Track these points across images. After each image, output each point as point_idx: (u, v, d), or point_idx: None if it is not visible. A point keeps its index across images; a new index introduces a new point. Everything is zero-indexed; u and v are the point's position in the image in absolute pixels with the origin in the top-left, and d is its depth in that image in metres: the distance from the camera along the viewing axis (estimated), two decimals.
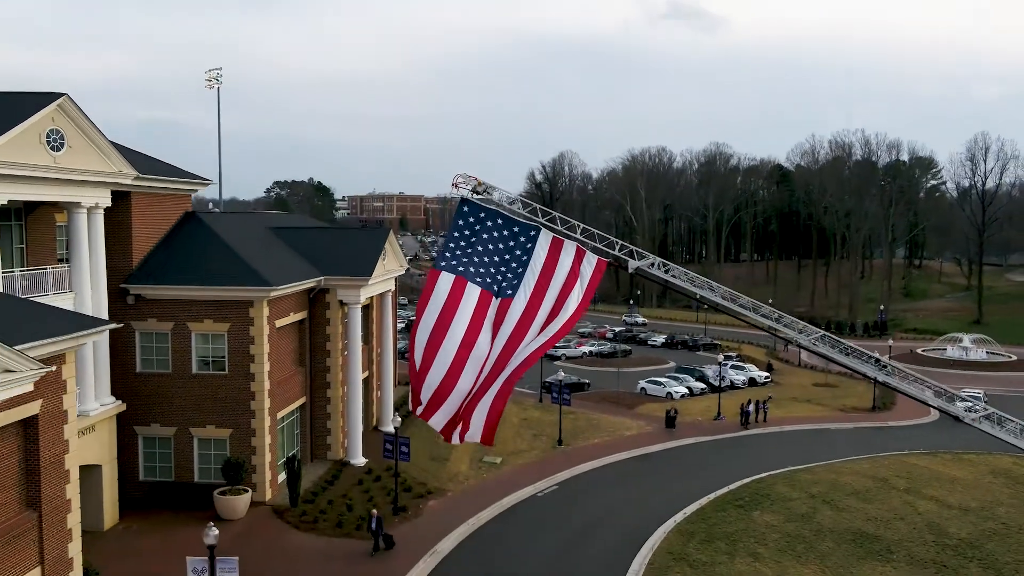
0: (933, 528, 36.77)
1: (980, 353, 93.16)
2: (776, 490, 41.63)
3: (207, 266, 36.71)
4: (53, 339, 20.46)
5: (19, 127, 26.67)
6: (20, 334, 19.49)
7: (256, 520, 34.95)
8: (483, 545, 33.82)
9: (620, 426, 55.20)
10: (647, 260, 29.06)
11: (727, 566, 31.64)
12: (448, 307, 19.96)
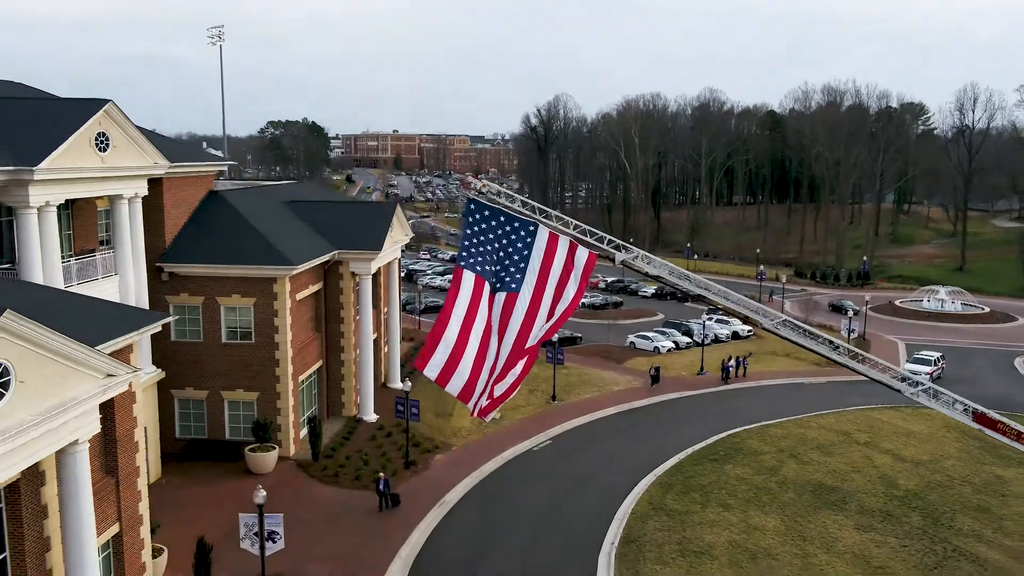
0: (885, 480, 41.35)
1: (955, 305, 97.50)
2: (748, 444, 46.16)
3: (233, 245, 40.25)
4: (127, 336, 24.19)
5: (73, 136, 29.87)
6: (101, 334, 23.17)
7: (283, 474, 39.26)
8: (486, 496, 38.26)
9: (609, 381, 59.57)
10: (631, 254, 32.87)
11: (699, 515, 36.17)
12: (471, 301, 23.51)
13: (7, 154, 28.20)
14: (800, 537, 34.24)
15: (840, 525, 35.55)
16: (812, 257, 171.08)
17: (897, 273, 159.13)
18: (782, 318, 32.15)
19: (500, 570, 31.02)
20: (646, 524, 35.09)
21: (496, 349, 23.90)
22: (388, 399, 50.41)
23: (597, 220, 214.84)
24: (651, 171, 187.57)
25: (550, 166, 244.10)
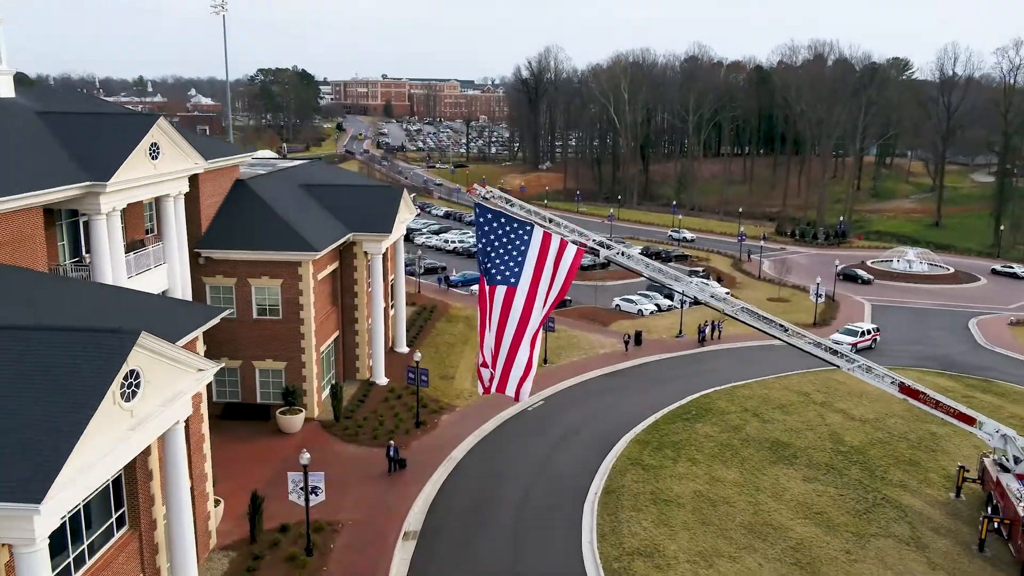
0: (834, 437, 47.49)
1: (922, 266, 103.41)
2: (717, 404, 52.20)
3: (261, 232, 45.27)
4: (196, 331, 29.46)
5: (134, 151, 34.65)
6: (177, 331, 28.41)
7: (309, 433, 45.00)
8: (487, 452, 44.16)
9: (596, 344, 65.34)
10: (614, 250, 38.38)
11: (670, 469, 42.21)
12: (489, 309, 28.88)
13: (81, 170, 33.02)
14: (755, 488, 40.37)
15: (789, 477, 41.70)
16: (795, 211, 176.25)
17: (875, 229, 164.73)
18: (741, 305, 37.75)
19: (501, 515, 37.00)
20: (624, 476, 41.13)
21: (497, 337, 29.38)
22: (396, 362, 56.16)
23: (587, 172, 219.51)
24: (640, 127, 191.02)
25: (540, 117, 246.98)
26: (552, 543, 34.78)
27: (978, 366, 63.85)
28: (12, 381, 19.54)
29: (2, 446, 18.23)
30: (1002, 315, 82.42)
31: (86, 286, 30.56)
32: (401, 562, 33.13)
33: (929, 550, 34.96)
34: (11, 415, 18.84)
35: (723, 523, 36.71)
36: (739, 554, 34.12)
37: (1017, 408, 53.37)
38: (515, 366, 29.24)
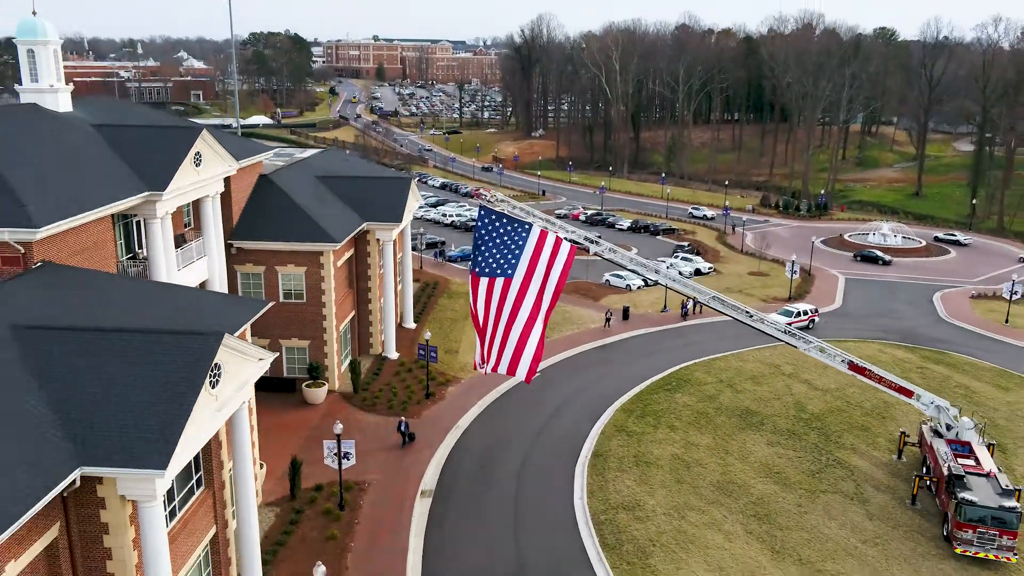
0: (797, 406, 53.42)
1: (896, 239, 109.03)
2: (695, 376, 58.03)
3: (286, 225, 50.39)
4: (248, 322, 34.78)
5: (184, 162, 39.63)
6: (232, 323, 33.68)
7: (331, 404, 50.63)
8: (490, 420, 49.91)
9: (587, 318, 70.93)
10: (604, 246, 43.56)
11: (651, 435, 48.09)
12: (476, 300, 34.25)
13: (140, 181, 38.02)
14: (724, 451, 46.31)
15: (755, 442, 47.64)
16: (781, 180, 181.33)
17: (858, 198, 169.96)
18: (712, 294, 43.28)
19: (504, 476, 42.83)
20: (611, 442, 46.98)
21: (494, 323, 34.79)
22: (404, 338, 61.77)
23: (579, 140, 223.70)
24: (631, 97, 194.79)
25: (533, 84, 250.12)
26: (548, 499, 40.68)
27: (937, 339, 69.73)
28: (127, 375, 24.92)
29: (127, 426, 23.66)
30: (965, 288, 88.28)
31: (153, 286, 35.80)
32: (420, 515, 38.96)
33: (869, 504, 41.04)
34: (130, 402, 24.24)
35: (695, 482, 42.68)
36: (707, 508, 40.11)
37: (964, 379, 59.39)
38: (525, 349, 34.67)
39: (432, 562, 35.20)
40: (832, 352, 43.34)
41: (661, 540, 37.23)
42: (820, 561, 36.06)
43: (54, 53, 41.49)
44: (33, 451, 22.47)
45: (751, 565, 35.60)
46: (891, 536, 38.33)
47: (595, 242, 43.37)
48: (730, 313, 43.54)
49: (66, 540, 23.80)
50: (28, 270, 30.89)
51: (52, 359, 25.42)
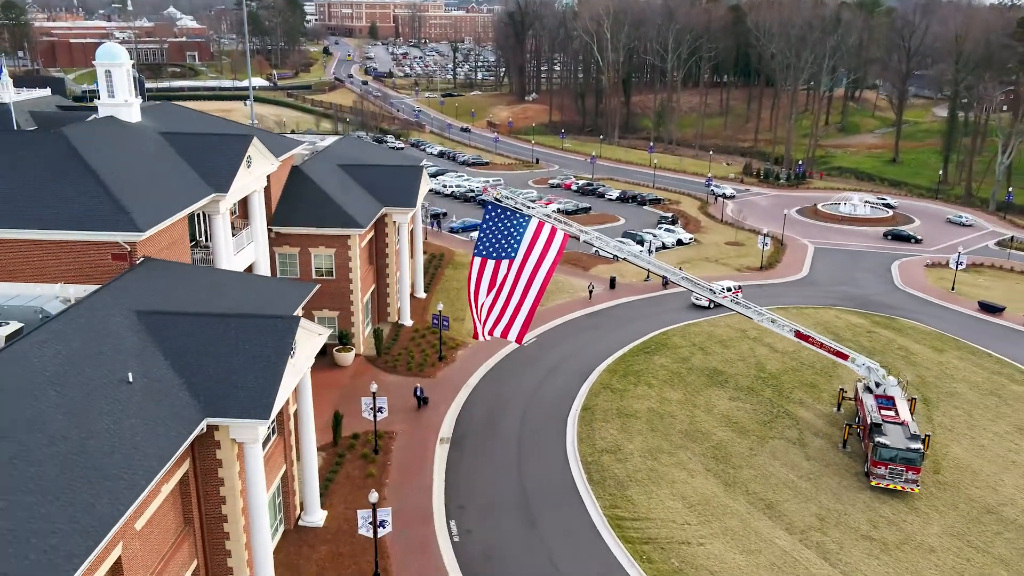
0: (759, 366, 62.10)
1: (865, 209, 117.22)
2: (672, 340, 66.60)
3: (317, 211, 58.20)
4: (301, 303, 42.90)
5: (240, 166, 47.35)
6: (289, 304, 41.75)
7: (358, 366, 59.05)
8: (493, 380, 58.44)
9: (578, 287, 79.19)
10: (593, 235, 51.56)
11: (632, 392, 56.75)
12: (479, 280, 42.53)
13: (207, 183, 45.78)
14: (692, 405, 55.06)
15: (719, 397, 56.40)
16: (765, 146, 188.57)
17: (838, 165, 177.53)
18: (683, 275, 51.58)
19: (507, 427, 51.46)
20: (598, 398, 55.66)
21: (495, 296, 43.06)
22: (416, 306, 70.08)
23: (571, 104, 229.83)
24: (622, 65, 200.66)
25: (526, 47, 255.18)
26: (544, 446, 49.40)
27: (889, 305, 78.36)
28: (231, 349, 33.11)
29: (236, 388, 31.91)
30: (923, 256, 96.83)
31: (224, 274, 43.86)
32: (440, 458, 47.64)
33: (808, 447, 49.93)
34: (236, 370, 32.45)
35: (666, 430, 51.46)
36: (675, 451, 48.93)
37: (906, 341, 68.15)
38: (517, 318, 43.09)
39: (452, 493, 43.97)
40: (782, 323, 51.85)
41: (636, 476, 46.07)
42: (763, 492, 44.98)
43: (127, 72, 48.86)
44: (172, 407, 30.81)
45: (707, 495, 44.50)
46: (823, 473, 47.26)
47: (584, 232, 51.37)
48: (697, 291, 52.00)
49: (193, 472, 32.26)
50: (133, 265, 38.88)
51: (170, 338, 33.61)
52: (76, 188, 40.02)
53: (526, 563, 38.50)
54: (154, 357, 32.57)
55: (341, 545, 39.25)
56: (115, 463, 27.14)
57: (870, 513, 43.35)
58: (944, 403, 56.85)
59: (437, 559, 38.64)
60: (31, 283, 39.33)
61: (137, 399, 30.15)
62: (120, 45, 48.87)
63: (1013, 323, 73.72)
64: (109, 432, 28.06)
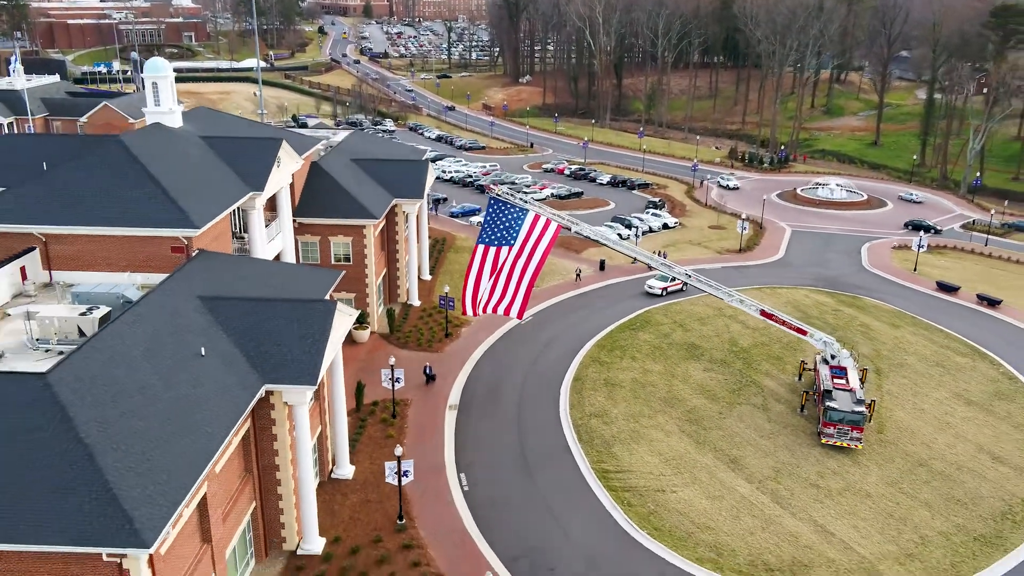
0: (731, 341, 69.22)
1: (841, 193, 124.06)
2: (655, 318, 73.64)
3: (336, 204, 64.74)
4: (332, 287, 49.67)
5: (273, 167, 53.88)
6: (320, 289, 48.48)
7: (374, 342, 65.95)
8: (494, 354, 65.41)
9: (570, 270, 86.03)
10: (584, 227, 58.28)
11: (618, 364, 63.84)
12: (483, 264, 49.51)
13: (245, 183, 52.33)
14: (671, 375, 62.21)
15: (695, 368, 63.55)
16: (753, 129, 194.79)
17: (821, 147, 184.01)
18: (661, 261, 58.46)
19: (508, 395, 58.51)
20: (587, 369, 62.75)
21: (495, 278, 50.01)
22: (423, 288, 76.93)
23: (564, 86, 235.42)
24: (613, 50, 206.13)
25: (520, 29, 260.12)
26: (540, 411, 56.51)
27: (856, 285, 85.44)
28: (281, 328, 39.92)
29: (287, 360, 38.77)
30: (891, 239, 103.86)
31: (265, 263, 50.61)
32: (449, 422, 54.72)
33: (770, 412, 57.19)
34: (286, 345, 39.28)
35: (647, 398, 58.63)
36: (654, 415, 56.13)
37: (867, 318, 75.32)
38: (517, 297, 50.11)
39: (461, 450, 51.12)
40: (749, 303, 58.88)
41: (620, 437, 53.28)
42: (728, 449, 52.25)
43: (170, 84, 55.20)
44: (237, 376, 37.70)
45: (681, 452, 51.75)
46: (782, 433, 54.54)
47: (574, 222, 58.07)
48: (675, 275, 58.92)
49: (253, 428, 39.23)
50: (190, 257, 45.57)
51: (229, 318, 40.40)
52: (138, 190, 46.62)
53: (526, 508, 45.72)
54: (218, 335, 39.41)
55: (369, 494, 46.40)
56: (199, 420, 34.08)
57: (819, 466, 50.69)
58: (894, 373, 64.14)
59: (451, 505, 45.84)
60: (101, 272, 46.03)
61: (209, 369, 37.03)
62: (164, 60, 55.20)
63: (966, 301, 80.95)
64: (192, 395, 34.96)
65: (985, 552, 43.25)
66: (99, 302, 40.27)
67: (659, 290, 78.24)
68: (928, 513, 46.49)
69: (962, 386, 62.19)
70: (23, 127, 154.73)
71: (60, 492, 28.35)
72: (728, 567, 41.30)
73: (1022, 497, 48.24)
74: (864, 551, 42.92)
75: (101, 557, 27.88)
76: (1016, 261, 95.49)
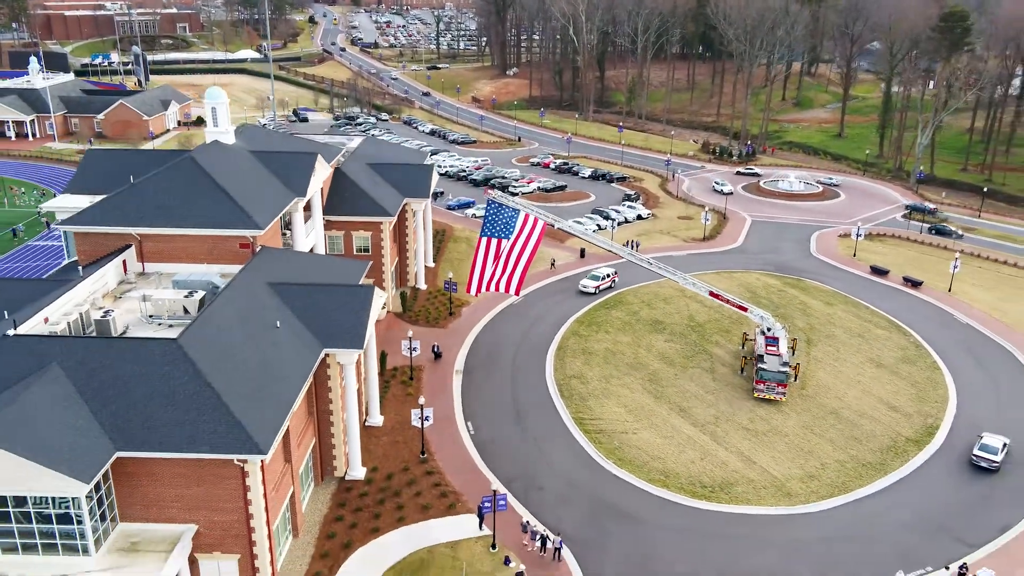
0: (690, 318, 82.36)
1: (799, 186, 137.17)
2: (626, 298, 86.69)
3: (357, 203, 77.20)
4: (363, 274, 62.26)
5: (311, 176, 66.28)
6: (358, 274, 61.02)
7: (390, 320, 78.63)
8: (491, 329, 78.29)
9: (557, 257, 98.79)
10: (566, 224, 71.08)
11: (594, 337, 76.88)
12: (487, 252, 62.65)
13: (290, 191, 64.73)
14: (637, 345, 75.33)
15: (657, 340, 76.68)
16: (727, 121, 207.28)
17: (789, 139, 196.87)
18: (628, 252, 71.44)
19: (504, 361, 71.40)
20: (568, 341, 75.76)
21: (484, 262, 63.00)
22: (428, 273, 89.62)
23: (550, 79, 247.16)
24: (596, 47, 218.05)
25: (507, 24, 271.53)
26: (530, 373, 69.48)
27: (801, 269, 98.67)
28: (334, 306, 52.57)
29: (340, 330, 51.45)
30: (839, 228, 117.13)
31: (309, 255, 63.16)
32: (456, 383, 67.63)
33: (716, 374, 70.44)
34: (338, 319, 51.97)
35: (617, 363, 71.72)
36: (622, 377, 69.26)
37: (806, 298, 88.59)
38: (514, 276, 63.06)
39: (467, 404, 64.10)
40: (700, 285, 71.91)
41: (594, 393, 66.40)
42: (680, 402, 65.46)
43: (226, 108, 67.37)
44: (303, 342, 50.42)
45: (642, 404, 64.93)
46: (724, 390, 67.79)
47: (557, 222, 70.71)
48: (638, 262, 71.88)
49: (314, 381, 51.96)
50: (255, 252, 58.03)
51: (293, 299, 53.01)
52: (211, 198, 59.02)
53: (519, 446, 58.79)
54: (286, 311, 52.02)
55: (396, 437, 59.35)
56: (282, 373, 46.80)
57: (750, 414, 64.04)
58: (822, 343, 77.50)
59: (461, 444, 58.85)
60: (184, 264, 58.44)
61: (283, 337, 49.71)
62: (221, 89, 67.33)
63: (893, 283, 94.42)
64: (274, 356, 47.65)
65: (869, 474, 56.73)
66: (195, 288, 52.74)
67: (592, 288, 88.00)
68: (831, 447, 59.93)
69: (876, 352, 75.66)
70: (44, 124, 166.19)
71: (200, 419, 41.04)
72: (673, 486, 54.62)
73: (905, 436, 61.78)
74: (777, 474, 56.33)
75: (232, 461, 40.66)
76: (944, 247, 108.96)
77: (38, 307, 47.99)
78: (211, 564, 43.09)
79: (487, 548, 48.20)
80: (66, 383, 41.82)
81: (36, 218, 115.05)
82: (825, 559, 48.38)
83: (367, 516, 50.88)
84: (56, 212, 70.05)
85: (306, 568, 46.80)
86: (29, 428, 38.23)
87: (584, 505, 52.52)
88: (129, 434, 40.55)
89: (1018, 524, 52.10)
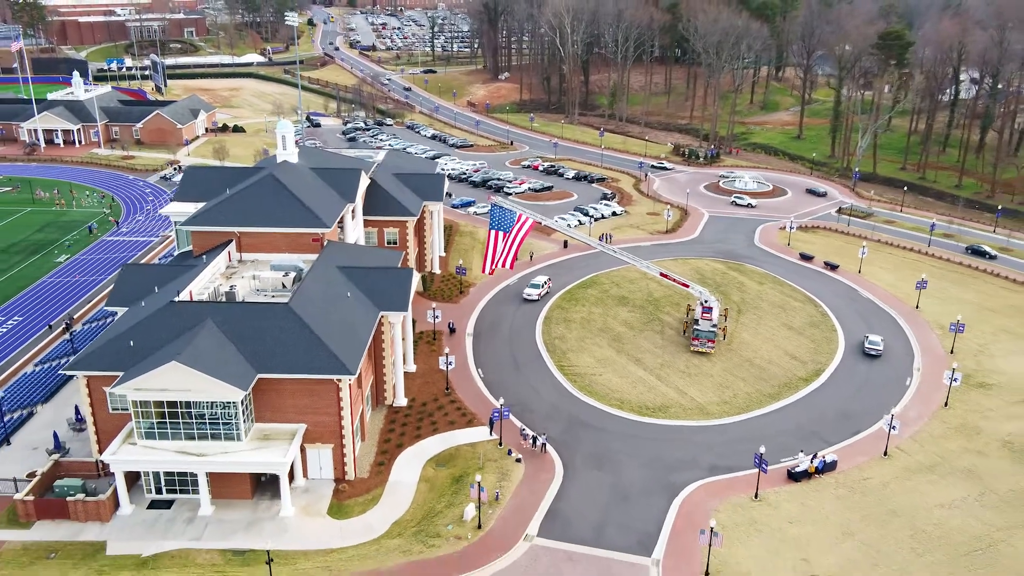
0: (649, 295, 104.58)
1: (752, 185, 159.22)
2: (599, 280, 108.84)
3: (387, 206, 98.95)
4: (400, 260, 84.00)
5: (359, 187, 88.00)
6: (396, 260, 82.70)
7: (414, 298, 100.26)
8: (494, 303, 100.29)
9: (543, 247, 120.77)
10: (551, 221, 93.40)
11: (573, 309, 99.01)
12: (496, 242, 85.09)
13: (343, 199, 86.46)
14: (606, 315, 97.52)
15: (622, 311, 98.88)
16: (699, 123, 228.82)
17: (754, 140, 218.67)
18: (602, 246, 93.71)
19: (504, 326, 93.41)
20: (553, 312, 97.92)
21: (495, 250, 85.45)
22: (441, 261, 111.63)
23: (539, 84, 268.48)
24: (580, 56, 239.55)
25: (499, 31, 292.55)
26: (524, 336, 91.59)
27: (744, 256, 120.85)
28: (387, 282, 74.42)
29: (391, 298, 73.31)
30: (782, 222, 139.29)
31: (360, 247, 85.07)
32: (469, 343, 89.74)
33: (664, 335, 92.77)
34: (390, 290, 73.82)
35: (590, 328, 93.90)
36: (593, 338, 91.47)
37: (743, 278, 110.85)
38: (509, 256, 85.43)
39: (477, 357, 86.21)
40: (654, 269, 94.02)
41: (572, 349, 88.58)
42: (636, 354, 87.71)
43: (292, 134, 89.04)
44: (365, 307, 72.38)
45: (608, 355, 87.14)
46: (669, 346, 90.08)
47: (545, 218, 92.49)
48: (608, 252, 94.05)
49: (372, 341, 73.80)
50: (324, 245, 79.69)
51: (355, 278, 74.85)
52: (289, 205, 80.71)
53: (516, 384, 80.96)
54: (352, 287, 73.81)
55: (426, 378, 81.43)
56: (356, 328, 68.66)
57: (687, 363, 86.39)
58: (750, 312, 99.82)
59: (474, 383, 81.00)
60: (271, 254, 80.00)
61: (353, 304, 71.58)
62: (288, 123, 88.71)
63: (816, 267, 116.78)
64: (349, 316, 69.51)
65: (767, 401, 79.25)
66: (288, 270, 74.49)
67: (535, 296, 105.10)
68: (743, 384, 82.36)
69: (790, 319, 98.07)
70: (88, 132, 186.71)
71: (308, 353, 62.89)
72: (625, 408, 76.99)
73: (799, 376, 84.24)
74: (701, 401, 78.73)
75: (332, 380, 62.57)
76: (864, 237, 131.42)
77: (182, 284, 69.74)
78: (314, 451, 65.08)
79: (496, 446, 70.43)
80: (218, 333, 63.66)
81: (104, 216, 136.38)
82: (724, 452, 70.81)
83: (411, 428, 73.04)
84: (171, 215, 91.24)
85: (373, 458, 68.86)
86: (204, 358, 60.08)
87: (563, 420, 74.80)
88: (264, 363, 62.41)
89: (863, 432, 74.60)
